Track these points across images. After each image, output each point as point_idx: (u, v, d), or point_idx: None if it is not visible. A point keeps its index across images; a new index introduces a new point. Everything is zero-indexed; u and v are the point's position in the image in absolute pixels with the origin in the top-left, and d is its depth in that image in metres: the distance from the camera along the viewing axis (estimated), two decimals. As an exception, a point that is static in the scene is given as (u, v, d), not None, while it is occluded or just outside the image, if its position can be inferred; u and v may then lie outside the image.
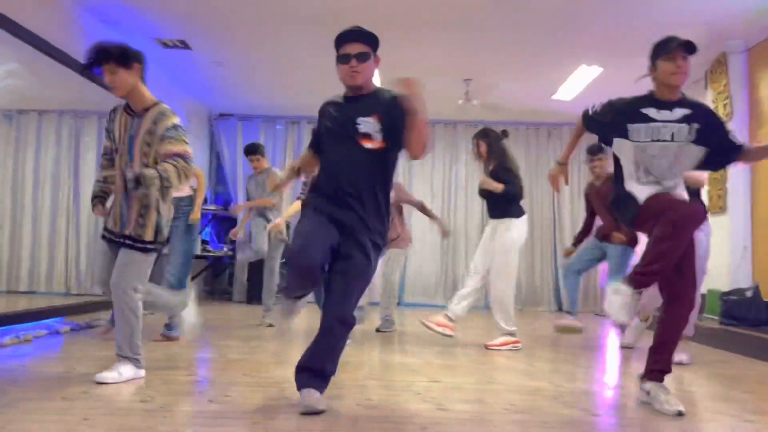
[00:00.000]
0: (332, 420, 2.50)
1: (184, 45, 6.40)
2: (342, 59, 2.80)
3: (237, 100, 8.70)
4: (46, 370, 3.46)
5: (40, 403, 2.65)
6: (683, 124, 2.84)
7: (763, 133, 5.65)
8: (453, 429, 2.45)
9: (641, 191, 2.86)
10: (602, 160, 5.03)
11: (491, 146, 4.91)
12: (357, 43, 2.80)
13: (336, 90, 2.98)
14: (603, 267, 8.93)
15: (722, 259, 5.89)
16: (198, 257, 8.46)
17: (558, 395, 3.10)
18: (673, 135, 2.84)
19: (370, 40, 2.85)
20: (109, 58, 2.97)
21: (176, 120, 3.07)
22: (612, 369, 4.31)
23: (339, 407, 2.70)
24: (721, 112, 5.99)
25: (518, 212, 4.77)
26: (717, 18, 5.35)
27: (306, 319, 5.43)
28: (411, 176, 9.21)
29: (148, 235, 3.08)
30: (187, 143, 3.06)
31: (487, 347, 4.67)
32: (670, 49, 2.84)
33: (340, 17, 5.43)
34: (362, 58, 2.80)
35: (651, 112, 2.88)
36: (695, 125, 2.84)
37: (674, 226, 2.64)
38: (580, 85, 7.18)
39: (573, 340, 5.30)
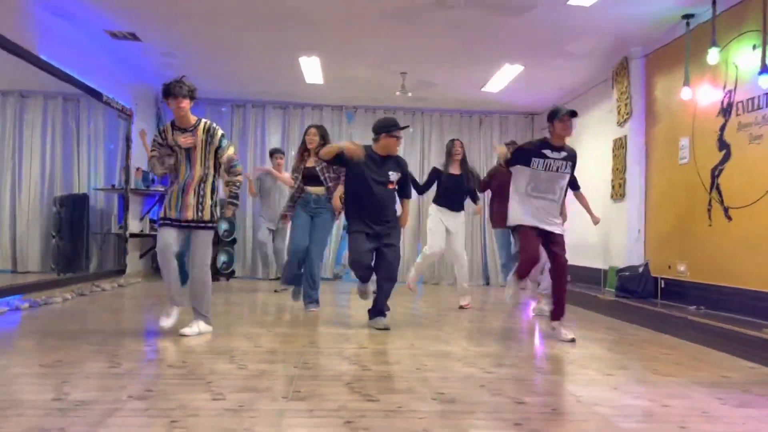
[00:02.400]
0: (273, 381, 3.07)
1: (134, 37, 6.71)
2: (395, 136, 4.87)
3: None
4: (18, 342, 3.91)
5: (21, 369, 3.13)
6: (564, 162, 4.47)
7: (656, 130, 6.45)
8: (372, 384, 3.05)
9: (518, 216, 4.55)
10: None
11: None
12: (400, 131, 4.94)
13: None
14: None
15: (620, 240, 6.73)
16: (146, 236, 8.84)
17: (464, 357, 3.76)
18: (558, 168, 4.45)
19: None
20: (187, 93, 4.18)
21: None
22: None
23: (279, 370, 3.28)
24: (622, 111, 6.77)
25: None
26: (621, 25, 6.01)
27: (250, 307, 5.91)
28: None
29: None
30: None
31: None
32: (562, 115, 4.39)
33: (281, 10, 5.90)
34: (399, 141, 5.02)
35: (547, 152, 4.44)
36: (569, 163, 4.52)
37: (522, 257, 4.57)
38: (505, 80, 7.85)
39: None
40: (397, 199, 5.04)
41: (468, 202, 6.32)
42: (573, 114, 4.40)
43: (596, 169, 7.59)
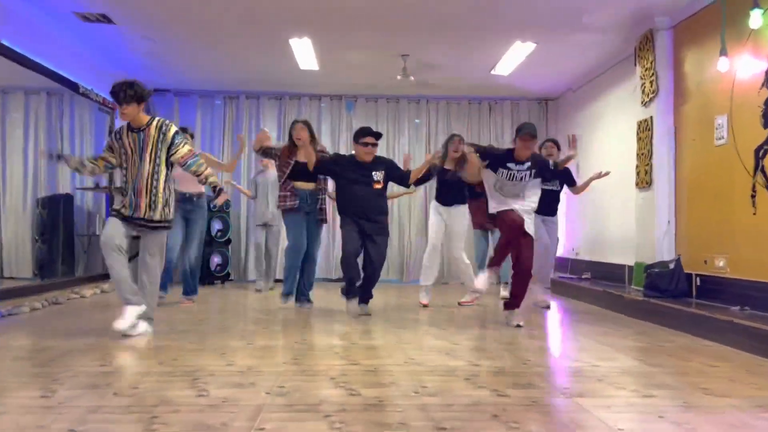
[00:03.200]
0: (237, 412, 2.48)
1: (107, 19, 6.13)
2: (363, 144, 5.28)
3: (172, 76, 8.42)
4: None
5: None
6: (527, 171, 4.79)
7: (686, 109, 5.77)
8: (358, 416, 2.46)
9: (494, 205, 4.87)
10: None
11: None
12: (371, 137, 5.31)
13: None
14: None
15: (647, 233, 6.05)
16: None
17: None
18: (522, 178, 4.77)
19: (378, 137, 5.40)
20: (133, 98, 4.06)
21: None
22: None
23: (249, 396, 2.70)
24: (648, 89, 6.09)
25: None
26: (644, -6, 5.39)
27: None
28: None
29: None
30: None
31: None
32: (522, 134, 4.66)
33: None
34: (375, 146, 5.34)
35: (510, 165, 4.74)
36: (534, 170, 4.82)
37: (506, 233, 4.80)
38: (516, 60, 7.19)
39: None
40: (387, 198, 5.51)
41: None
42: (533, 135, 4.65)
43: (618, 156, 6.93)
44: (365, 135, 5.27)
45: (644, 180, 6.10)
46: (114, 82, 4.08)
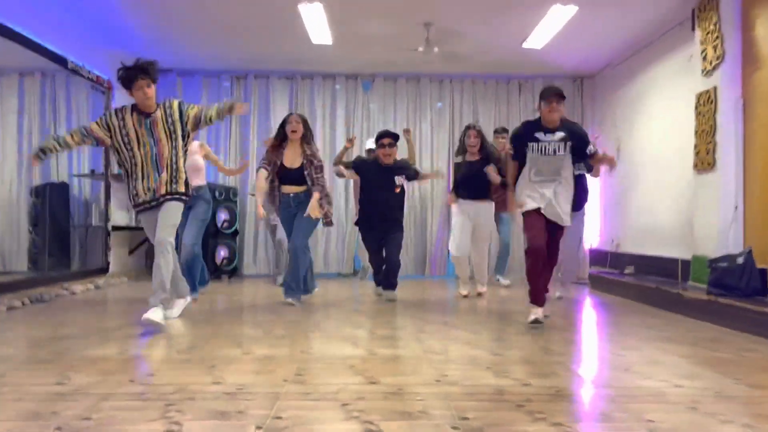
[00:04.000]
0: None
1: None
2: (380, 146, 5.63)
3: (175, 53, 7.76)
4: None
5: None
6: (561, 143, 4.18)
7: (758, 77, 4.97)
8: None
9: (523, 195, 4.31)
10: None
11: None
12: (388, 138, 5.66)
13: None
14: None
15: (710, 222, 5.27)
16: (134, 229, 7.63)
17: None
18: (554, 150, 4.17)
19: (395, 138, 5.67)
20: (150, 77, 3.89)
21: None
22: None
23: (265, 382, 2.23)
24: (710, 55, 5.29)
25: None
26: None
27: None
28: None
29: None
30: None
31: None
32: (547, 96, 4.12)
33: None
34: (391, 146, 5.63)
35: (539, 135, 4.17)
36: (569, 142, 4.19)
37: (529, 258, 4.26)
38: (553, 28, 6.40)
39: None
40: (404, 201, 5.83)
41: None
42: (559, 95, 4.10)
43: (671, 136, 6.14)
44: (382, 137, 5.63)
45: (705, 161, 5.31)
46: (124, 67, 3.88)
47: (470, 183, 5.69)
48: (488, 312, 5.11)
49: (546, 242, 4.17)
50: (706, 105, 5.31)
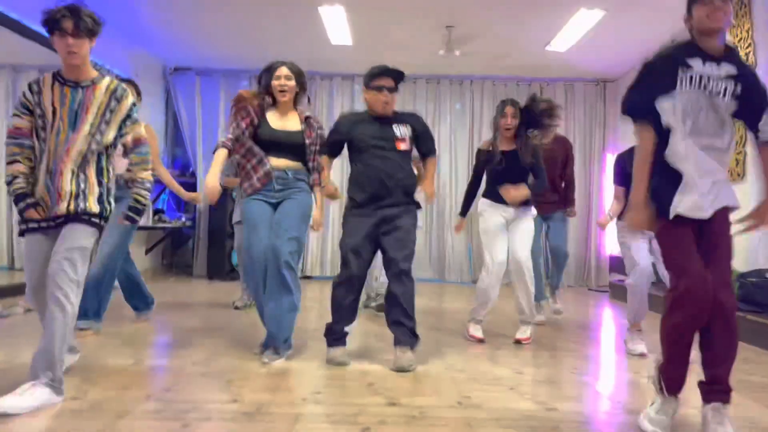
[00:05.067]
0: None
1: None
2: (376, 89, 3.47)
3: (194, 52, 7.73)
4: None
5: None
6: (730, 80, 2.33)
7: (791, 87, 4.80)
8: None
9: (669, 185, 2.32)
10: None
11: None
12: (387, 77, 3.49)
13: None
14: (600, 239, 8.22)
15: (740, 235, 5.12)
16: (152, 228, 7.63)
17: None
18: (724, 91, 2.32)
19: (399, 77, 3.52)
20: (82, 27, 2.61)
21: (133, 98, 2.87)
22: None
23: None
24: (742, 63, 5.13)
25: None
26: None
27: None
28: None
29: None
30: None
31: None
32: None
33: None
34: (391, 90, 3.49)
35: (696, 63, 2.33)
36: (739, 81, 2.33)
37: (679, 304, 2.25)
38: (578, 32, 6.28)
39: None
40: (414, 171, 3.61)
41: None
42: None
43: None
44: (378, 75, 3.48)
45: (735, 171, 5.17)
46: (50, 9, 2.62)
47: (502, 179, 4.03)
48: (511, 323, 4.99)
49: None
50: (736, 114, 5.15)
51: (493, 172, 4.11)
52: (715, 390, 2.23)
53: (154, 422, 2.28)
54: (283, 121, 3.47)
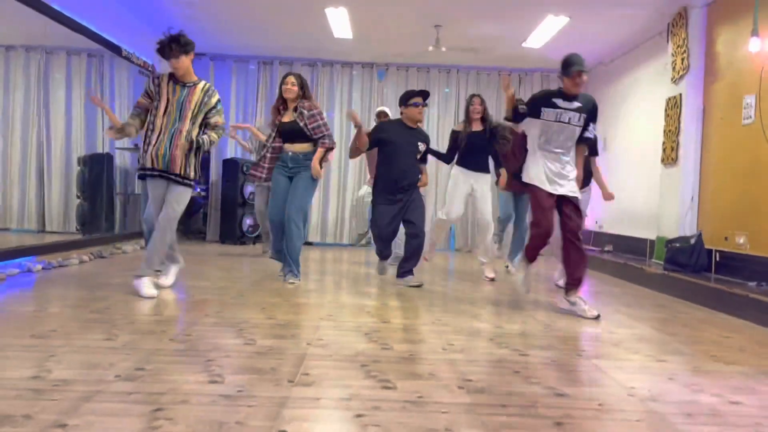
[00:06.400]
0: (283, 359, 2.75)
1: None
2: (414, 104, 5.20)
3: (209, 39, 8.61)
4: (17, 308, 3.67)
5: (10, 339, 2.87)
6: (577, 113, 4.07)
7: (716, 88, 5.83)
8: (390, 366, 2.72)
9: (529, 172, 4.19)
10: None
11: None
12: (419, 97, 5.23)
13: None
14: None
15: (671, 209, 6.19)
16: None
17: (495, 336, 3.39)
18: (569, 119, 4.07)
19: (426, 96, 5.31)
20: (179, 49, 4.04)
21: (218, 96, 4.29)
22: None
23: (292, 346, 2.96)
24: (678, 66, 6.15)
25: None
26: (681, -30, 5.41)
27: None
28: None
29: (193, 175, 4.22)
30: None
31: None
32: (573, 70, 3.99)
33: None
34: (424, 104, 5.26)
35: (558, 101, 4.06)
36: (583, 115, 4.10)
37: (534, 234, 4.21)
38: (548, 34, 7.25)
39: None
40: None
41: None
42: (585, 72, 4.03)
43: (646, 132, 7.03)
44: (414, 96, 5.20)
45: (670, 156, 6.21)
46: (160, 39, 4.04)
47: (470, 154, 5.54)
48: (492, 289, 6.01)
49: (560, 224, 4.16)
50: (673, 108, 6.19)
51: (465, 146, 5.57)
52: (573, 284, 4.17)
53: (125, 405, 2.05)
54: (288, 116, 4.93)
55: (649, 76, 7.14)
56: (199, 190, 8.98)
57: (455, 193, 5.61)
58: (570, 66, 4.00)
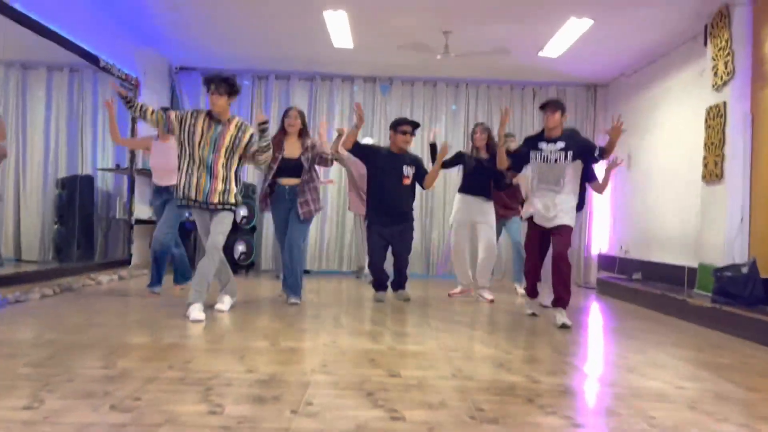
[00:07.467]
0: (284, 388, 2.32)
1: (128, -14, 5.71)
2: (401, 132, 5.54)
3: (199, 52, 7.99)
4: None
5: None
6: (563, 152, 4.51)
7: (765, 94, 5.14)
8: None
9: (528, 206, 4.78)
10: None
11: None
12: (408, 125, 5.59)
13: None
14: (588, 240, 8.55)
15: (717, 232, 5.45)
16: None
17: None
18: (556, 159, 4.51)
19: (415, 126, 5.66)
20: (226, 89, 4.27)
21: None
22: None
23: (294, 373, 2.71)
24: (721, 71, 5.47)
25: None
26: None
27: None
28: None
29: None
30: None
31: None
32: (544, 107, 4.55)
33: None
34: (412, 134, 5.63)
35: (542, 145, 4.57)
36: (571, 151, 4.49)
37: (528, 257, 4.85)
38: (569, 39, 6.59)
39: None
40: (415, 193, 5.71)
41: None
42: (554, 105, 4.49)
43: (681, 146, 6.32)
44: (403, 123, 5.55)
45: (713, 172, 5.49)
46: (212, 73, 4.32)
47: (471, 178, 5.82)
48: (499, 311, 5.31)
49: (545, 249, 4.71)
50: (715, 119, 5.48)
51: (468, 171, 5.82)
52: (559, 302, 4.49)
53: (181, 386, 2.53)
54: (291, 151, 5.11)
55: (683, 85, 6.45)
56: (188, 215, 8.27)
57: (457, 225, 5.89)
58: (543, 107, 4.52)
